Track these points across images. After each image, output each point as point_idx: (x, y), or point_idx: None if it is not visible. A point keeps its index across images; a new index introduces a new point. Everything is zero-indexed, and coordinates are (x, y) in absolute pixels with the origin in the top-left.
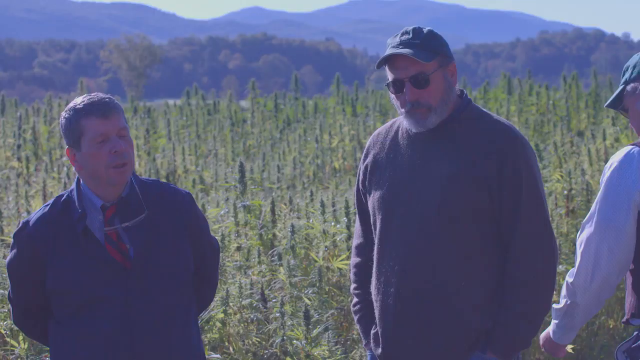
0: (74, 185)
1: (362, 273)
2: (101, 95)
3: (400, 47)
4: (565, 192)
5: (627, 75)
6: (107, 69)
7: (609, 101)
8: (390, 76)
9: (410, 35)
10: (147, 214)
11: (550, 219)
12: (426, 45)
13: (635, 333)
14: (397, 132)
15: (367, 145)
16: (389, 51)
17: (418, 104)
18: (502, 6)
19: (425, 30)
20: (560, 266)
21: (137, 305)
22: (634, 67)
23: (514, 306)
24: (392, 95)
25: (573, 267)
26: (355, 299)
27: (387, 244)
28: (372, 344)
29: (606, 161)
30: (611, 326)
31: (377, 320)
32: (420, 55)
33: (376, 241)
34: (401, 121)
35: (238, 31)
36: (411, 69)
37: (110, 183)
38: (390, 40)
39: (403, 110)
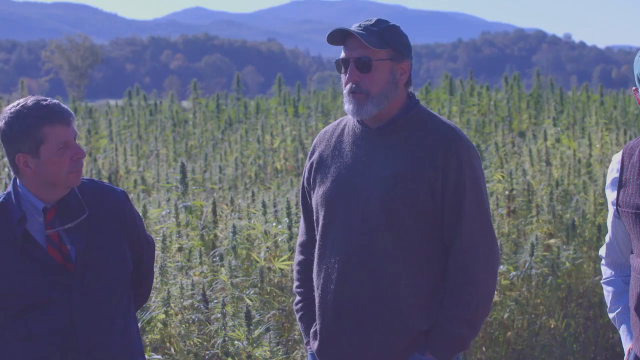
0: (10, 188)
1: (305, 271)
2: (49, 99)
3: (358, 29)
4: (507, 192)
5: None
6: (48, 69)
7: None
8: (341, 55)
9: (372, 22)
10: (87, 215)
11: (492, 219)
12: (382, 35)
13: None
14: (343, 130)
15: (313, 143)
16: (340, 27)
17: (357, 87)
18: (444, 7)
19: (389, 23)
20: (501, 267)
21: (80, 307)
22: None
23: (455, 308)
24: (342, 77)
25: (514, 267)
26: (297, 298)
27: (329, 240)
28: (311, 340)
29: (547, 162)
30: (552, 326)
31: (317, 317)
32: (367, 39)
33: (318, 237)
34: (348, 119)
35: (180, 31)
36: (357, 51)
37: (68, 187)
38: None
39: (345, 91)
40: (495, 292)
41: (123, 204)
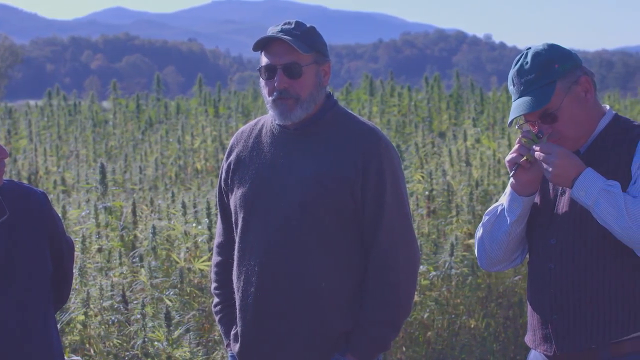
0: None
1: (223, 272)
2: None
3: (280, 34)
4: (427, 192)
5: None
6: None
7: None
8: (264, 61)
9: (292, 26)
10: (7, 216)
11: (412, 220)
12: (305, 38)
13: None
14: (261, 130)
15: (230, 144)
16: (268, 34)
17: (286, 92)
18: (365, 7)
19: (307, 25)
20: (421, 267)
21: (1, 309)
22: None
23: (375, 309)
24: (262, 83)
25: (434, 267)
26: (216, 299)
27: (248, 242)
28: (231, 342)
29: (467, 162)
30: (472, 326)
31: (237, 319)
32: (297, 45)
33: (237, 239)
34: (266, 120)
35: (100, 31)
36: (286, 57)
37: None
38: (271, 28)
39: (270, 98)
40: (415, 293)
41: (43, 205)
